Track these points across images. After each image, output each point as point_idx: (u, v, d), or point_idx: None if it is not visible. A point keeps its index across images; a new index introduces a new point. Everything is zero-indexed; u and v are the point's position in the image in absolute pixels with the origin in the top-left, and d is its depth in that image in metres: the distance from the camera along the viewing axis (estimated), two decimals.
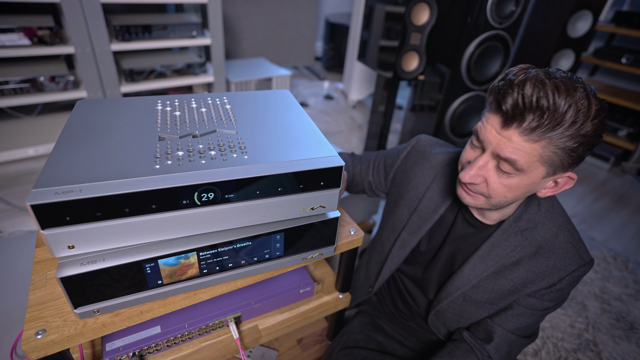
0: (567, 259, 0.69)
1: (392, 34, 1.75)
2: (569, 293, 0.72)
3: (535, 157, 0.56)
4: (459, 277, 0.77)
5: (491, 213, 0.73)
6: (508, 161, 0.58)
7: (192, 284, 0.58)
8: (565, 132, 0.53)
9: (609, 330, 1.40)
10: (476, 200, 0.67)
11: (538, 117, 0.53)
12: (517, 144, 0.56)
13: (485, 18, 1.72)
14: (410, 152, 0.87)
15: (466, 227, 0.78)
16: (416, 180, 0.84)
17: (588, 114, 0.52)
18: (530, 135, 0.54)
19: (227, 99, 0.70)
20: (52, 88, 1.78)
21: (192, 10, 2.25)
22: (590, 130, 0.53)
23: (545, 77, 0.53)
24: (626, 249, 1.85)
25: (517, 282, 0.72)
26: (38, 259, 0.62)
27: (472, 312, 0.78)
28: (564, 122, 0.52)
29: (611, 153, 2.54)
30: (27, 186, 1.73)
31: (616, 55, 2.48)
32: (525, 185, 0.61)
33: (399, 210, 0.87)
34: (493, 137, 0.59)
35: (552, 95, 0.51)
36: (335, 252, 0.70)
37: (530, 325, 0.74)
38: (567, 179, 0.61)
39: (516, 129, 0.55)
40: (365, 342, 0.88)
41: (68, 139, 0.52)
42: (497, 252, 0.73)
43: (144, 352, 0.68)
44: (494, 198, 0.64)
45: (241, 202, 0.51)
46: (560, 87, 0.52)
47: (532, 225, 0.71)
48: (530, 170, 0.58)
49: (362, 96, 3.06)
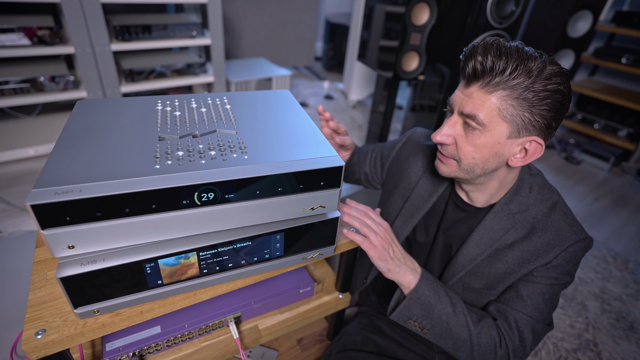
0: (561, 235, 0.69)
1: (392, 34, 1.75)
2: (570, 270, 0.70)
3: (494, 110, 0.61)
4: (454, 264, 0.77)
5: (475, 195, 0.75)
6: (470, 116, 0.63)
7: (192, 284, 0.58)
8: (520, 84, 0.58)
9: (609, 330, 1.40)
10: (449, 167, 0.70)
11: (493, 73, 0.59)
12: (477, 99, 0.62)
13: (485, 18, 1.71)
14: (405, 143, 0.91)
15: (457, 212, 0.80)
16: (409, 170, 0.87)
17: (542, 71, 0.58)
18: (487, 87, 0.61)
19: (227, 99, 0.70)
20: (52, 88, 1.78)
21: (192, 10, 2.25)
22: (547, 87, 0.58)
23: (502, 42, 0.60)
24: (626, 249, 1.85)
25: (512, 263, 0.72)
26: (38, 259, 0.62)
27: (473, 301, 0.78)
28: (517, 75, 0.58)
29: (611, 153, 2.54)
30: (27, 186, 1.72)
31: (616, 55, 2.48)
32: (491, 144, 0.64)
33: (393, 199, 0.90)
34: (458, 97, 0.65)
35: (505, 55, 0.58)
36: (335, 252, 0.70)
37: (539, 305, 0.71)
38: (535, 144, 0.64)
39: (475, 85, 0.62)
40: (364, 344, 0.88)
41: (68, 139, 0.52)
42: (490, 235, 0.74)
43: (144, 352, 0.68)
44: (464, 160, 0.67)
45: (241, 202, 0.51)
46: (513, 49, 0.59)
47: (524, 208, 0.72)
48: (493, 126, 0.62)
49: (362, 96, 3.06)
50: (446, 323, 0.70)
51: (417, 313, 0.71)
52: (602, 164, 2.57)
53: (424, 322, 0.71)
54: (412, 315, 0.72)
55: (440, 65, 1.95)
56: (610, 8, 2.58)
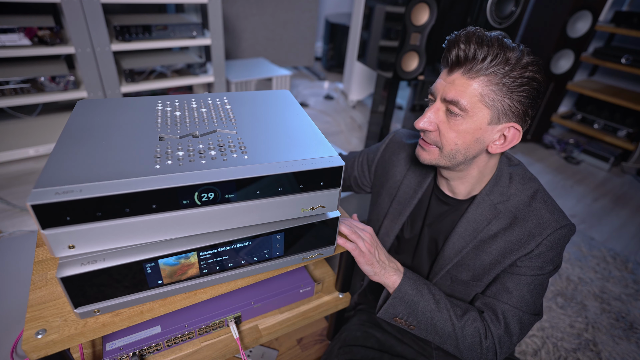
0: (542, 224, 0.70)
1: (392, 34, 1.75)
2: (554, 258, 0.71)
3: (476, 96, 0.63)
4: (441, 257, 0.79)
5: (457, 184, 0.76)
6: (453, 102, 0.64)
7: (192, 283, 0.58)
8: (500, 70, 0.61)
9: (609, 330, 1.40)
10: (431, 155, 0.71)
11: (475, 61, 0.62)
12: (459, 85, 0.64)
13: (485, 18, 1.72)
14: (388, 144, 0.93)
15: (440, 205, 0.81)
16: (394, 170, 0.89)
17: (520, 59, 0.61)
18: (469, 74, 0.63)
19: (227, 99, 0.70)
20: (53, 88, 1.78)
21: (192, 11, 2.25)
22: (525, 74, 0.61)
23: (484, 32, 0.63)
24: (626, 249, 1.85)
25: (496, 254, 0.73)
26: (38, 259, 0.62)
27: (462, 293, 0.79)
28: (497, 62, 0.61)
29: (611, 153, 2.55)
30: (27, 186, 1.73)
31: (616, 55, 2.48)
32: (472, 130, 0.65)
33: (381, 199, 0.92)
34: (440, 85, 0.67)
35: (487, 44, 0.61)
36: (335, 252, 0.71)
37: (524, 295, 0.71)
38: (514, 131, 0.66)
39: (458, 72, 0.64)
40: (364, 340, 0.89)
41: (68, 139, 0.52)
42: (473, 226, 0.75)
43: (144, 351, 0.68)
44: (446, 147, 0.68)
45: (241, 202, 0.51)
46: (494, 39, 0.62)
47: (505, 198, 0.73)
48: (474, 112, 0.64)
49: (362, 96, 3.06)
50: (430, 319, 0.72)
51: (402, 311, 0.73)
52: (601, 164, 2.57)
53: (410, 319, 0.73)
54: (398, 313, 0.73)
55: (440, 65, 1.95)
56: (610, 8, 2.58)
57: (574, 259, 1.73)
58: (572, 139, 2.78)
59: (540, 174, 2.44)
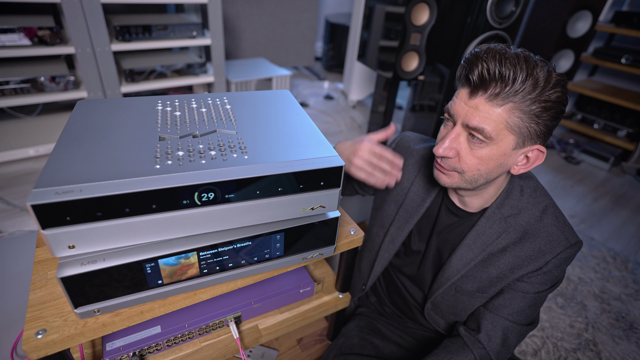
0: (552, 241, 0.69)
1: (392, 34, 1.75)
2: (559, 275, 0.72)
3: (502, 123, 0.59)
4: (448, 268, 0.78)
5: (471, 199, 0.74)
6: (477, 130, 0.60)
7: (192, 283, 0.58)
8: (527, 95, 0.57)
9: (609, 330, 1.40)
10: (451, 178, 0.68)
11: (501, 84, 0.57)
12: (484, 112, 0.59)
13: (485, 18, 1.72)
14: (394, 149, 0.89)
15: (450, 217, 0.80)
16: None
17: (548, 81, 0.57)
18: (495, 100, 0.58)
19: (227, 99, 0.70)
20: (53, 88, 1.78)
21: (192, 11, 2.25)
22: (552, 97, 0.57)
23: (507, 49, 0.58)
24: (626, 248, 1.85)
25: (504, 269, 0.72)
26: (38, 259, 0.62)
27: (465, 303, 0.78)
28: (526, 87, 0.56)
29: (611, 153, 2.55)
30: (27, 186, 1.73)
31: (616, 55, 2.48)
32: (497, 156, 0.62)
33: (386, 205, 0.89)
34: (462, 108, 0.62)
35: (513, 64, 0.56)
36: (335, 252, 0.71)
37: (524, 310, 0.73)
38: (538, 152, 0.64)
39: (482, 97, 0.59)
40: (361, 347, 0.88)
41: (68, 139, 0.52)
42: (483, 239, 0.74)
43: (144, 351, 0.68)
44: (467, 172, 0.65)
45: (241, 202, 0.51)
46: (521, 57, 0.57)
47: (516, 212, 0.72)
48: (500, 138, 0.60)
49: (362, 96, 3.06)
50: None
51: None
52: (601, 164, 2.57)
53: None
54: None
55: (440, 65, 1.95)
56: (610, 8, 2.58)
57: (573, 259, 1.73)
58: (572, 139, 2.78)
59: (540, 174, 2.44)
